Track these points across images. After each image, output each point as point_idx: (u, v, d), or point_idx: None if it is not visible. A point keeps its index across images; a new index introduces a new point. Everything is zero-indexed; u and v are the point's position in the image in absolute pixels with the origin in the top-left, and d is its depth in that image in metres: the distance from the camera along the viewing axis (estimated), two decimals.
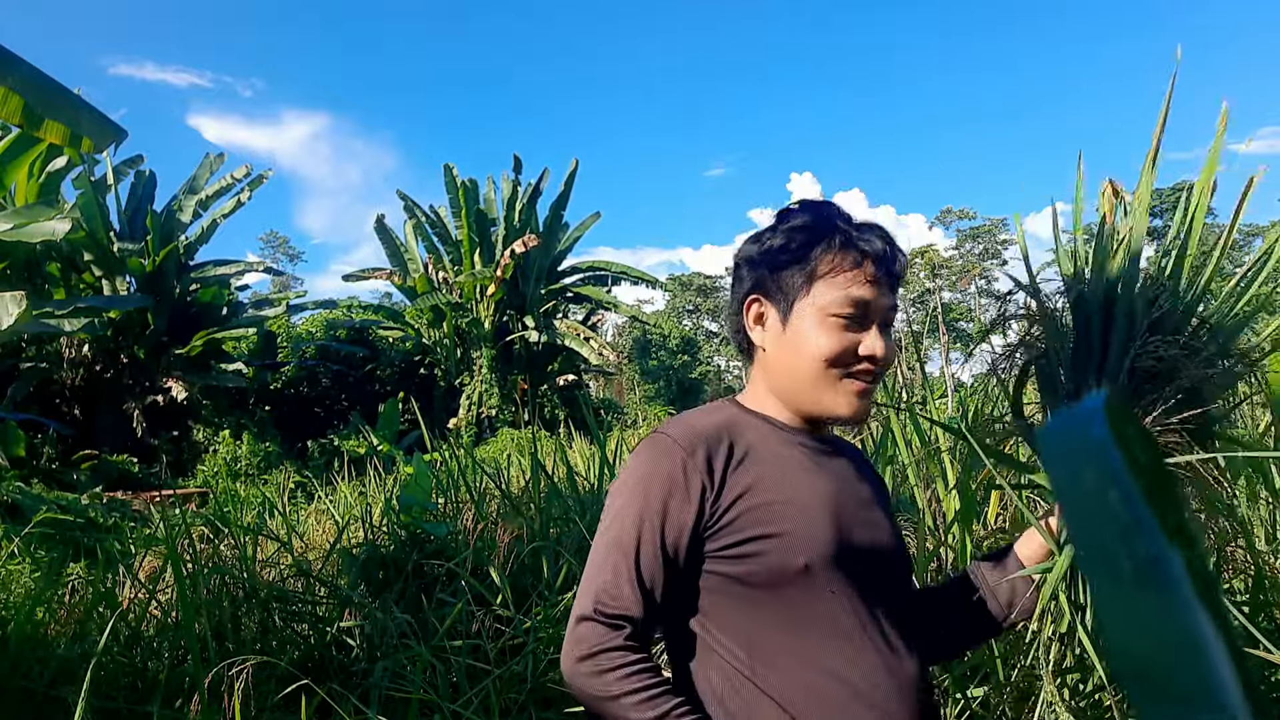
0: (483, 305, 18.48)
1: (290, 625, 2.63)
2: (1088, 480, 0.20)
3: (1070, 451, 0.21)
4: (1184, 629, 0.19)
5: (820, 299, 0.93)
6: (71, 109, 3.81)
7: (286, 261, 64.63)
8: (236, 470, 13.42)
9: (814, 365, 0.93)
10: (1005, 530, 2.36)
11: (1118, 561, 0.19)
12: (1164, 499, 0.20)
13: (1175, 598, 0.19)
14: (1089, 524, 0.20)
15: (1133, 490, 0.19)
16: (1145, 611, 0.19)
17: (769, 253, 0.97)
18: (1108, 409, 0.20)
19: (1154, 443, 0.21)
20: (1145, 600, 0.19)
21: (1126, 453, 0.19)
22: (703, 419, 0.96)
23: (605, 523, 0.93)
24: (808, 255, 0.94)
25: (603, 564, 0.90)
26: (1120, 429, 0.20)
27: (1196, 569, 0.20)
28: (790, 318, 0.95)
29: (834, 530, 0.90)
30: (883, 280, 0.94)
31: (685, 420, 0.96)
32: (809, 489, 0.92)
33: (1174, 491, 0.21)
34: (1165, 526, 0.19)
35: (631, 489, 0.92)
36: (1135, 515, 0.19)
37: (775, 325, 0.97)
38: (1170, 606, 0.19)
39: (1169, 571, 0.19)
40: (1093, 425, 0.20)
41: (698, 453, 0.91)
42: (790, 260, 0.95)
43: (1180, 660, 0.19)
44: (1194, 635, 0.19)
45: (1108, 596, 0.19)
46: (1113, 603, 0.19)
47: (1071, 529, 0.20)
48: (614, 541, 0.90)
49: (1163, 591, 0.19)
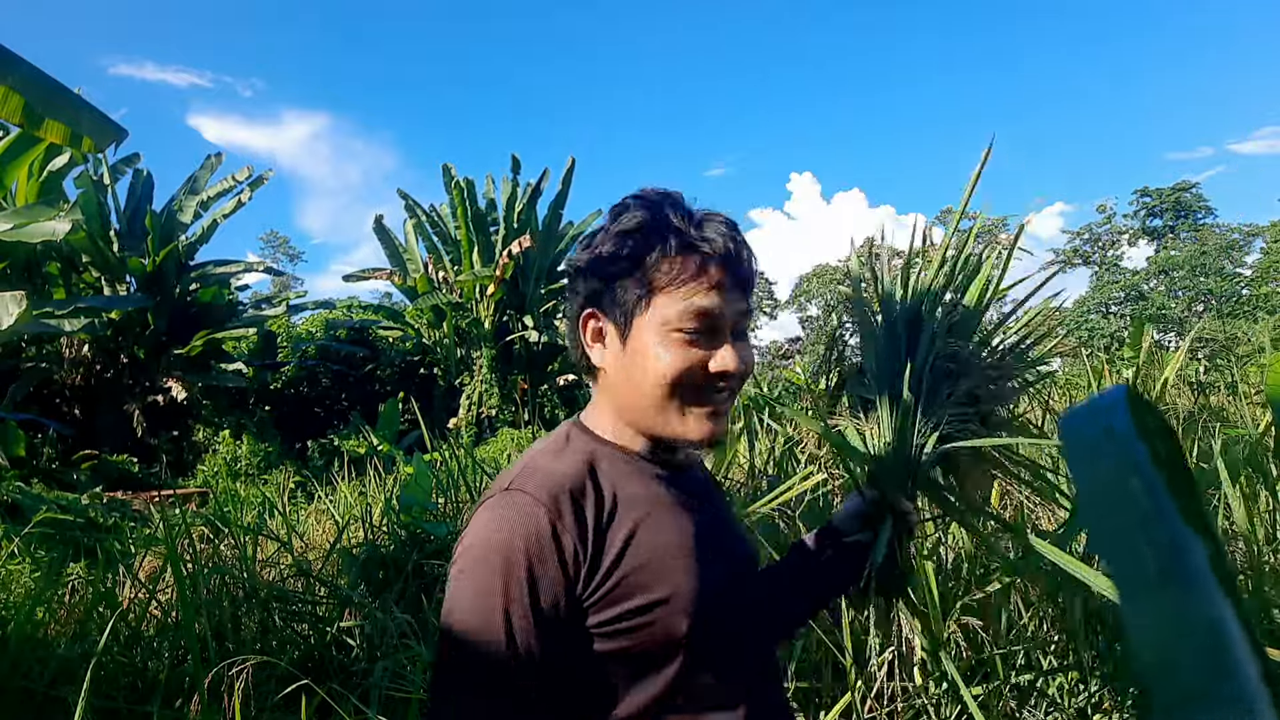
0: (483, 305, 18.49)
1: (290, 625, 2.63)
2: (1107, 470, 0.19)
3: (1090, 442, 0.20)
4: (1209, 622, 0.18)
5: (661, 313, 0.81)
6: (72, 108, 3.81)
7: (286, 261, 64.56)
8: (236, 470, 13.41)
9: (659, 387, 0.82)
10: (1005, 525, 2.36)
11: (1138, 551, 0.19)
12: (1184, 490, 0.20)
13: (1197, 588, 0.19)
14: (1109, 513, 0.20)
15: (1155, 480, 0.19)
16: (1166, 602, 0.19)
17: (600, 261, 0.84)
18: (1130, 401, 0.20)
19: (1173, 435, 0.21)
20: (1166, 590, 0.19)
21: (1148, 444, 0.19)
22: (560, 463, 0.81)
23: (454, 618, 0.73)
24: (642, 263, 0.82)
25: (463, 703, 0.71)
26: (1142, 421, 0.20)
27: (1218, 560, 0.19)
28: (630, 334, 0.83)
29: (710, 580, 0.81)
30: (730, 284, 0.83)
31: (539, 467, 0.80)
32: (680, 534, 0.82)
33: (1193, 484, 0.21)
34: (1187, 517, 0.19)
35: (486, 573, 0.72)
36: (1157, 504, 0.19)
37: (615, 343, 0.85)
38: (1191, 601, 0.19)
39: (1191, 561, 0.19)
40: (1113, 414, 0.20)
41: (565, 512, 0.75)
42: (624, 270, 0.83)
43: (1202, 652, 0.19)
44: (1220, 629, 0.18)
45: (1128, 586, 0.19)
46: (1134, 595, 0.19)
47: (1089, 518, 0.20)
48: (475, 660, 0.71)
49: (1184, 585, 0.19)
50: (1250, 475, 2.92)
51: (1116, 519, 0.19)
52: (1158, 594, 0.19)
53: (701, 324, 0.81)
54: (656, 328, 0.82)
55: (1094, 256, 51.85)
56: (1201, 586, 0.19)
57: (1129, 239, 50.92)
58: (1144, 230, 50.33)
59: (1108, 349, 27.40)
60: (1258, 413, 4.64)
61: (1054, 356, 1.51)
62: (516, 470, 0.81)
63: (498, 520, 0.75)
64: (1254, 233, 45.27)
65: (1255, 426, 3.61)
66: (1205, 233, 47.10)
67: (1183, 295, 44.20)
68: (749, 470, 3.45)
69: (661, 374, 0.82)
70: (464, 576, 0.74)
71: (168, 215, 15.53)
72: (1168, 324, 42.54)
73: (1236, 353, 24.46)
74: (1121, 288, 47.30)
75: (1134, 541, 0.19)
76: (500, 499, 0.77)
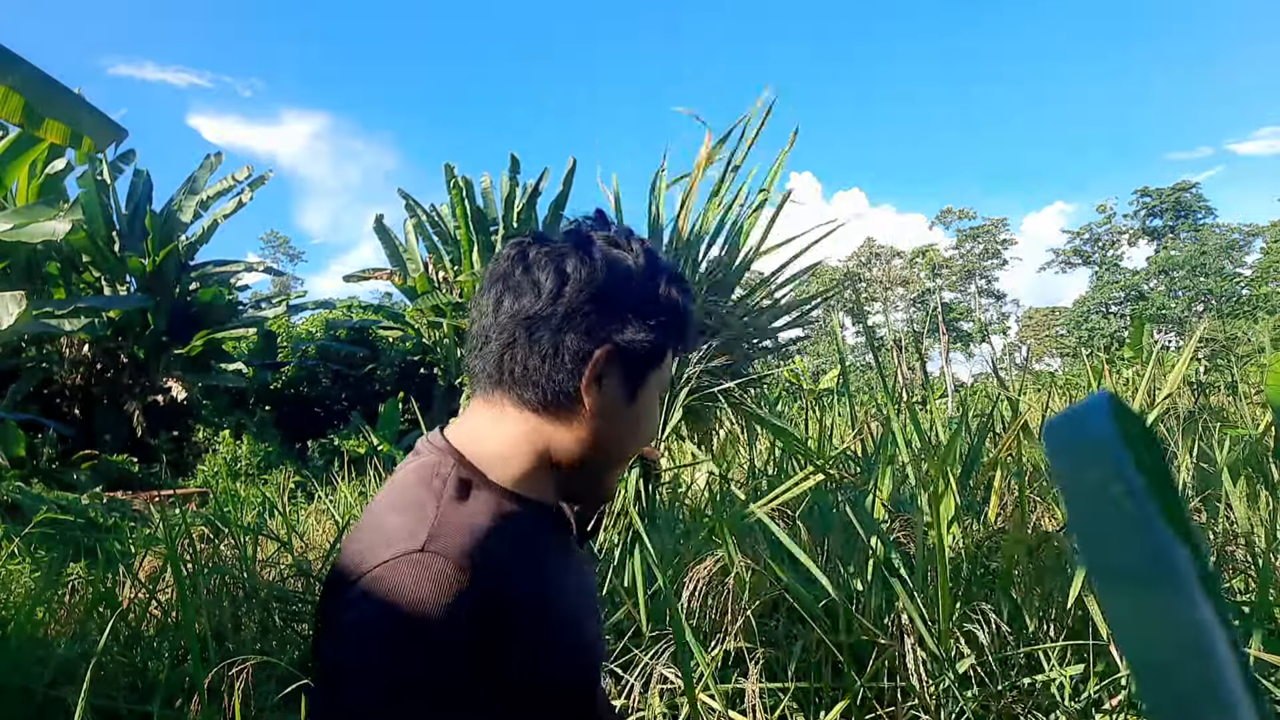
0: None
1: (290, 625, 2.64)
2: (1091, 476, 0.20)
3: (1074, 447, 0.21)
4: (1188, 625, 0.19)
5: (661, 375, 0.78)
6: (72, 108, 3.81)
7: (287, 261, 64.70)
8: (236, 470, 13.42)
9: (638, 447, 0.79)
10: (1005, 530, 2.37)
11: (1123, 557, 0.19)
12: (1167, 495, 0.20)
13: (1180, 593, 0.19)
14: (1093, 519, 0.20)
15: (1137, 486, 0.19)
16: (1151, 607, 0.19)
17: (641, 316, 0.75)
18: (1113, 408, 0.20)
19: (1156, 442, 0.21)
20: (1151, 596, 0.19)
21: (1131, 451, 0.20)
22: (471, 519, 0.69)
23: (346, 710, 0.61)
24: (675, 328, 0.77)
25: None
26: (1125, 425, 0.20)
27: (1201, 565, 0.20)
28: (641, 391, 0.77)
29: (593, 650, 0.79)
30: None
31: (452, 524, 0.68)
32: (576, 599, 0.78)
33: (1175, 490, 0.21)
34: (1170, 523, 0.19)
35: (390, 657, 0.61)
36: (1140, 511, 0.19)
37: (617, 393, 0.76)
38: (1175, 602, 0.19)
39: (1174, 567, 0.19)
40: (1097, 422, 0.20)
41: (480, 580, 0.65)
42: (665, 325, 0.76)
43: (1184, 656, 0.19)
44: (1198, 631, 0.19)
45: (1113, 593, 0.19)
46: (1119, 599, 0.19)
47: (1074, 524, 0.20)
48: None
49: (1167, 587, 0.19)
50: (1250, 475, 2.93)
51: (1100, 524, 0.20)
52: (1141, 597, 0.19)
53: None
54: (655, 388, 0.78)
55: (1094, 256, 51.84)
56: (1183, 590, 0.19)
57: (1129, 239, 50.92)
58: (1144, 230, 50.32)
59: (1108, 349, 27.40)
60: (1258, 413, 4.64)
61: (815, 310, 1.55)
62: (427, 525, 0.67)
63: (408, 590, 0.62)
64: (1254, 233, 45.29)
65: (1255, 426, 3.62)
66: (1205, 233, 47.09)
67: (1183, 295, 44.19)
68: (749, 470, 3.45)
69: (649, 436, 0.79)
70: (355, 658, 0.62)
71: (168, 215, 15.53)
72: (1168, 324, 42.54)
73: (1236, 353, 24.45)
74: (1121, 288, 47.29)
75: (1117, 546, 0.19)
76: (414, 563, 0.64)
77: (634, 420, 0.78)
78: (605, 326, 0.74)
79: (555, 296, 0.73)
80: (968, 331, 53.46)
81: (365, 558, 0.66)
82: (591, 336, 0.74)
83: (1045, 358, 51.94)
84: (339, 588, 0.66)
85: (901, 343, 42.78)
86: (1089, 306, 48.38)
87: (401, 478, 0.75)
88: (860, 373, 38.50)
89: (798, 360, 10.36)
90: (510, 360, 0.74)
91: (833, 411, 5.82)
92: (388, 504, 0.72)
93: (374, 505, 0.74)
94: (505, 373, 0.75)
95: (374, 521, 0.70)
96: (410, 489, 0.72)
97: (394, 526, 0.68)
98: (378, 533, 0.68)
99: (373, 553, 0.66)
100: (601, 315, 0.74)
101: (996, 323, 56.04)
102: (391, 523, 0.68)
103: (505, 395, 0.76)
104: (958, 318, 53.74)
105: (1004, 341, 55.63)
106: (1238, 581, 2.34)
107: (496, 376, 0.75)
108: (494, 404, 0.77)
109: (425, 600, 0.62)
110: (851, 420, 4.12)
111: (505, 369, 0.75)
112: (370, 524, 0.70)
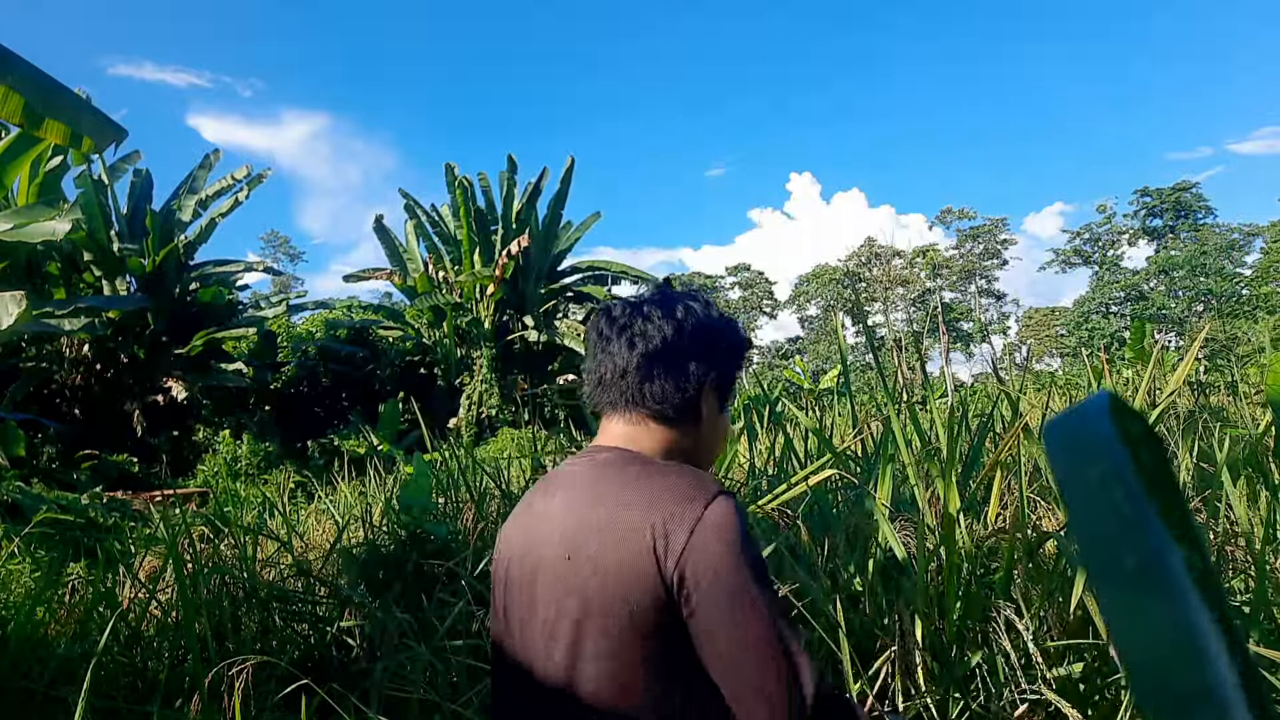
0: (483, 305, 18.49)
1: (290, 625, 2.63)
2: (1091, 476, 0.20)
3: (1074, 447, 0.21)
4: (1185, 625, 0.19)
5: (733, 395, 1.15)
6: (71, 108, 3.81)
7: (287, 261, 64.63)
8: (236, 470, 13.42)
9: (723, 446, 1.15)
10: (1004, 529, 2.36)
11: (1120, 557, 0.19)
12: (1166, 497, 0.20)
13: (1176, 594, 0.19)
14: (1092, 519, 0.20)
15: (1136, 487, 0.19)
16: (1147, 608, 0.19)
17: (729, 351, 1.11)
18: (1113, 408, 0.20)
19: (1157, 441, 0.21)
20: (1147, 596, 0.19)
21: (1131, 450, 0.20)
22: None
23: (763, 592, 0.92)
24: (740, 366, 1.14)
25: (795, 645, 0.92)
26: (1125, 428, 0.20)
27: (1198, 566, 0.20)
28: (725, 409, 1.13)
29: None
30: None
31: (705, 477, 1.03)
32: None
33: (1177, 490, 0.21)
34: (1168, 523, 0.19)
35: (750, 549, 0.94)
36: (1139, 512, 0.19)
37: (714, 407, 1.10)
38: (1171, 603, 0.19)
39: (1171, 568, 0.19)
40: (1097, 422, 0.20)
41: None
42: (736, 367, 1.13)
43: (1181, 656, 0.19)
44: (1194, 632, 0.19)
45: (1110, 592, 0.19)
46: (1115, 599, 0.19)
47: (1073, 524, 0.20)
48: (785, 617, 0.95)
49: (1164, 588, 0.19)
50: (1250, 475, 2.92)
51: (1100, 526, 0.20)
52: (1139, 598, 0.19)
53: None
54: (729, 403, 1.14)
55: (1094, 256, 51.81)
56: (1181, 591, 0.19)
57: (1129, 239, 50.88)
58: (1144, 230, 50.29)
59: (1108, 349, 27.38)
60: (1258, 413, 4.64)
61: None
62: (709, 476, 1.02)
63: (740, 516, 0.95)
64: (1254, 233, 45.26)
65: (1255, 426, 3.61)
66: (1205, 233, 47.06)
67: (1183, 295, 44.16)
68: (749, 470, 3.45)
69: (727, 438, 1.18)
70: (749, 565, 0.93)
71: (167, 214, 15.53)
72: (1168, 324, 42.52)
73: (1236, 353, 24.44)
74: (1121, 288, 47.26)
75: (1116, 547, 0.19)
76: (730, 498, 0.96)
77: (723, 426, 1.11)
78: (708, 359, 1.07)
79: (676, 339, 1.05)
80: (968, 331, 53.44)
81: (686, 509, 0.93)
82: (701, 367, 1.06)
83: (1045, 357, 51.92)
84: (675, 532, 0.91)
85: (901, 343, 42.72)
86: (1089, 306, 48.35)
87: (605, 471, 1.01)
88: (860, 373, 38.47)
89: (797, 360, 10.30)
90: (650, 387, 1.04)
91: (832, 411, 5.82)
92: (630, 482, 0.98)
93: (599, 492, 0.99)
94: (647, 396, 1.04)
95: (639, 493, 0.96)
96: (635, 468, 1.00)
97: (680, 486, 0.96)
98: (666, 494, 0.95)
99: (689, 505, 0.93)
100: (705, 350, 1.06)
101: (996, 323, 56.02)
102: (671, 484, 0.96)
103: (644, 412, 1.05)
104: (958, 318, 53.72)
105: (1004, 341, 55.59)
106: (1237, 581, 2.34)
107: (639, 400, 1.05)
108: (635, 421, 1.06)
109: (744, 517, 0.94)
110: (853, 420, 4.11)
111: (646, 394, 1.04)
112: (637, 495, 0.96)
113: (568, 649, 0.95)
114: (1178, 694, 0.18)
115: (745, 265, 61.31)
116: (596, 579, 0.94)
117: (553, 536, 1.00)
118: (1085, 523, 0.20)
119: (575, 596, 0.95)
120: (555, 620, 0.97)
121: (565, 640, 0.95)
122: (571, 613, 0.95)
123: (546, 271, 19.69)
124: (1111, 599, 0.19)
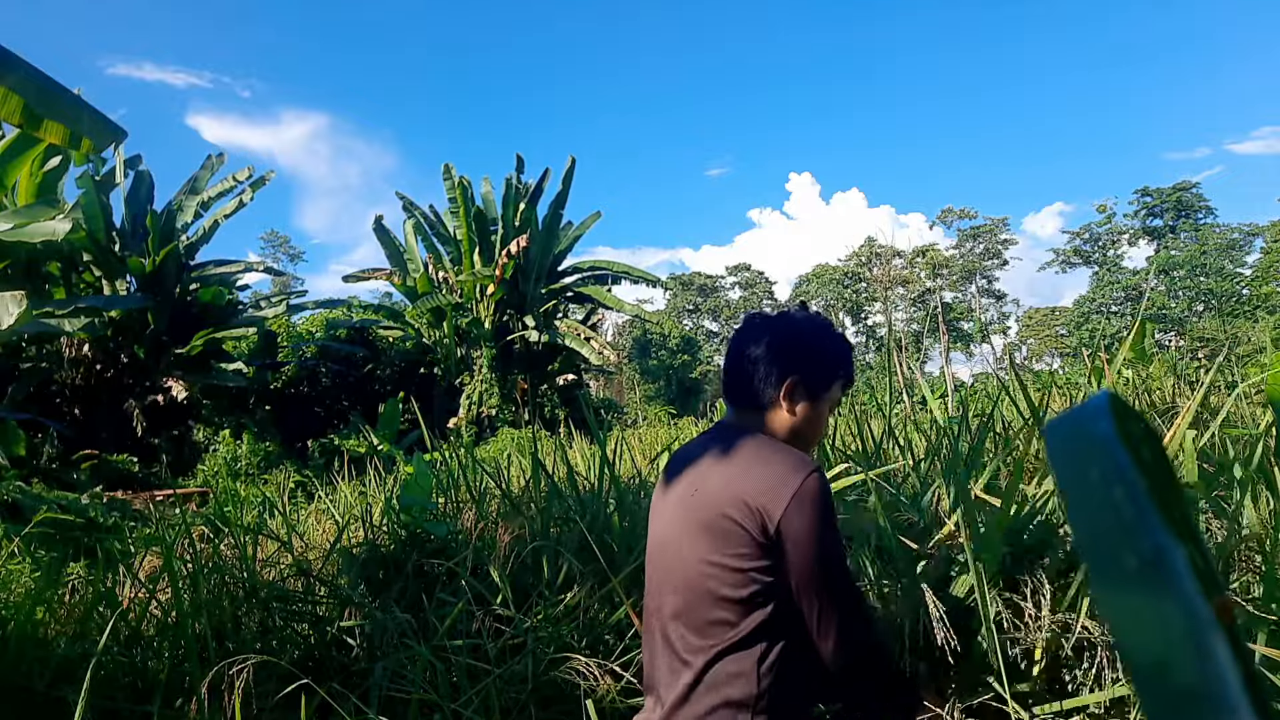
0: (483, 305, 18.49)
1: (290, 625, 2.63)
2: (1092, 476, 0.20)
3: (1075, 447, 0.21)
4: (1187, 624, 0.19)
5: (832, 396, 1.40)
6: (71, 109, 3.81)
7: (287, 261, 64.65)
8: (236, 470, 13.42)
9: (819, 437, 1.42)
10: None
11: (1122, 556, 0.19)
12: (1167, 496, 0.20)
13: (1178, 593, 0.19)
14: (1093, 519, 0.20)
15: (1137, 486, 0.19)
16: (1148, 607, 0.19)
17: (808, 356, 1.38)
18: (1114, 408, 0.20)
19: (1158, 440, 0.21)
20: (1149, 595, 0.19)
21: (1131, 449, 0.19)
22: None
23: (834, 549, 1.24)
24: (838, 374, 1.41)
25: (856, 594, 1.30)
26: (1125, 426, 0.20)
27: (1199, 565, 0.20)
28: (818, 402, 1.38)
29: None
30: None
31: (805, 456, 1.32)
32: None
33: (1178, 489, 0.21)
34: (1169, 522, 0.19)
35: (832, 518, 1.23)
36: (1140, 511, 0.19)
37: (806, 402, 1.37)
38: (1173, 602, 0.19)
39: (1172, 567, 0.19)
40: (1098, 422, 0.20)
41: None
42: (833, 371, 1.40)
43: (1183, 655, 0.19)
44: (1196, 630, 0.19)
45: (1111, 591, 0.19)
46: (1116, 598, 0.19)
47: (1074, 523, 0.20)
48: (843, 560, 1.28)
49: (1166, 587, 0.19)
50: (1251, 475, 2.91)
51: (1100, 525, 0.20)
52: (1140, 598, 0.19)
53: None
54: (826, 404, 1.40)
55: (1094, 256, 51.80)
56: (1182, 591, 0.19)
57: (1129, 239, 50.85)
58: (1144, 230, 50.25)
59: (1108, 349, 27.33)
60: (1258, 413, 4.63)
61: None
62: (805, 456, 1.29)
63: (823, 486, 1.24)
64: (1254, 233, 45.25)
65: (1255, 426, 3.61)
66: (1205, 233, 47.03)
67: (1183, 295, 44.16)
68: None
69: (824, 431, 1.43)
70: (826, 524, 1.22)
71: (168, 215, 15.53)
72: (1168, 324, 42.50)
73: (1237, 353, 24.42)
74: (1121, 288, 47.26)
75: (1117, 547, 0.19)
76: (819, 471, 1.24)
77: (816, 419, 1.38)
78: (791, 363, 1.36)
79: (768, 346, 1.37)
80: (968, 331, 53.42)
81: (786, 478, 1.22)
82: (790, 368, 1.35)
83: (1045, 357, 51.90)
84: (779, 495, 1.21)
85: (902, 342, 42.67)
86: (1089, 306, 48.35)
87: (736, 443, 1.32)
88: (860, 372, 38.48)
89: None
90: (757, 381, 1.36)
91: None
92: (759, 449, 1.30)
93: (738, 454, 1.30)
94: (756, 388, 1.36)
95: (754, 462, 1.27)
96: (763, 445, 1.31)
97: (789, 460, 1.25)
98: (780, 463, 1.25)
99: (792, 473, 1.22)
100: (788, 356, 1.36)
101: (996, 323, 55.99)
102: (782, 459, 1.26)
103: (746, 402, 1.38)
104: (958, 318, 53.71)
105: (1004, 341, 55.56)
106: (1248, 578, 2.33)
107: (750, 391, 1.37)
108: (747, 410, 1.39)
109: (829, 489, 1.24)
110: (854, 421, 4.11)
111: (755, 387, 1.37)
112: (754, 462, 1.28)
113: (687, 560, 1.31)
114: (1179, 693, 0.18)
115: (745, 265, 61.30)
116: (707, 512, 1.26)
117: (681, 481, 1.35)
118: (1086, 522, 0.20)
119: (695, 522, 1.29)
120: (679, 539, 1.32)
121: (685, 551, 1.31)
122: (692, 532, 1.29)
123: (547, 271, 19.68)
124: (1113, 598, 0.19)
